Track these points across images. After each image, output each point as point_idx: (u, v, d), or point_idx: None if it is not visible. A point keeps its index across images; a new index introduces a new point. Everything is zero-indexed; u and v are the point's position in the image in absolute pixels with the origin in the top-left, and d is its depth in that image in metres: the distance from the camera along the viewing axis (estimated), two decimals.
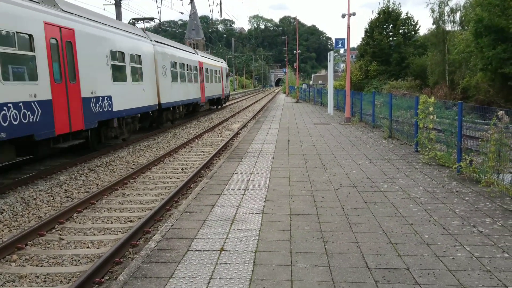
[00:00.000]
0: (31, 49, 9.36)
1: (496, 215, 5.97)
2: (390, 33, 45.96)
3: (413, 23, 46.06)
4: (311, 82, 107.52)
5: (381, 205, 6.56)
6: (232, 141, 15.97)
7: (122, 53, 14.63)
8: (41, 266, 5.55)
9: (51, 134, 10.02)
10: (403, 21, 45.60)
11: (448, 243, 5.04)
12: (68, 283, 5.04)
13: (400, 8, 45.91)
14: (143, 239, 6.36)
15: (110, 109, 13.40)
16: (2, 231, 6.79)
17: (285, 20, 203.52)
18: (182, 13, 47.63)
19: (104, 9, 27.58)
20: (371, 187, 7.73)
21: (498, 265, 4.43)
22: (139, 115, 16.78)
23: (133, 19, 19.97)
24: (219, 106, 36.24)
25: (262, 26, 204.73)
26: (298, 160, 10.53)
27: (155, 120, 19.49)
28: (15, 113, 8.64)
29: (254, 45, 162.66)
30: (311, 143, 13.36)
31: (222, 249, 4.96)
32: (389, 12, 45.22)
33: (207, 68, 28.95)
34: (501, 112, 7.14)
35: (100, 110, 12.75)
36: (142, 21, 19.98)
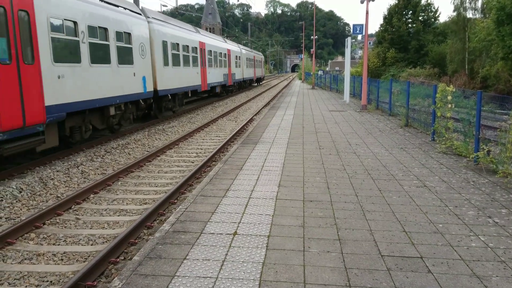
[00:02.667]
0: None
1: None
2: (409, 20, 45.15)
3: (433, 9, 45.21)
4: (327, 69, 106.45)
5: (396, 194, 6.53)
6: (247, 127, 15.98)
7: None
8: (58, 245, 5.68)
9: None
10: (423, 8, 44.73)
11: (463, 233, 5.00)
12: (84, 261, 5.15)
13: None
14: (157, 221, 6.45)
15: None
16: (21, 210, 6.95)
17: (303, 5, 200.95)
18: None
19: None
20: (386, 175, 7.68)
21: None
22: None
23: None
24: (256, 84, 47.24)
25: (279, 11, 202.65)
26: (312, 146, 10.49)
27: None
28: None
29: (270, 30, 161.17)
30: (326, 130, 13.29)
31: (235, 233, 5.01)
32: None
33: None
34: None
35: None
36: None
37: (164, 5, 39.12)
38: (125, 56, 13.65)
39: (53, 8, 9.73)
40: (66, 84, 10.21)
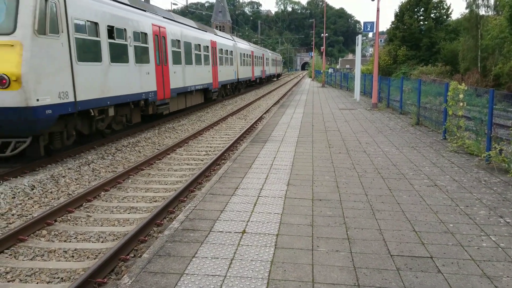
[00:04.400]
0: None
1: None
2: (421, 17, 44.75)
3: (445, 7, 44.77)
4: (337, 67, 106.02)
5: (406, 193, 6.48)
6: (256, 125, 15.98)
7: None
8: (69, 241, 5.74)
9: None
10: (435, 5, 44.29)
11: (474, 233, 4.95)
12: (94, 258, 5.20)
13: None
14: (167, 218, 6.49)
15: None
16: (33, 206, 7.04)
17: (313, 3, 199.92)
18: None
19: None
20: (396, 174, 7.63)
21: None
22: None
23: None
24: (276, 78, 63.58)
25: (289, 9, 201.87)
26: (322, 145, 10.46)
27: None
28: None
29: (280, 28, 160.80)
30: (336, 128, 13.24)
31: (244, 231, 5.02)
32: None
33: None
34: None
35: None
36: None
37: (174, 4, 39.21)
38: (227, 60, 27.44)
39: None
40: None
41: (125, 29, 12.70)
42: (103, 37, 11.40)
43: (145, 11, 14.69)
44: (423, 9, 44.34)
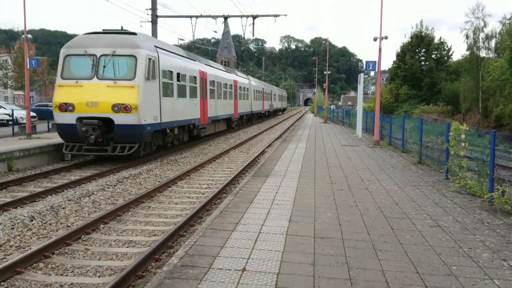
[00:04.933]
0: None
1: None
2: (422, 58, 45.45)
3: (446, 48, 45.48)
4: (340, 103, 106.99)
5: (409, 233, 6.41)
6: (258, 159, 16.00)
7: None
8: (66, 275, 5.64)
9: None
10: (436, 46, 45.05)
11: (477, 276, 4.86)
12: None
13: (433, 33, 45.40)
14: (166, 254, 6.40)
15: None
16: (31, 238, 6.97)
17: (316, 41, 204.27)
18: (215, 31, 49.35)
19: (141, 26, 28.46)
20: (399, 213, 7.56)
21: None
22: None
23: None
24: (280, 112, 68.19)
25: (293, 46, 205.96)
26: (324, 181, 10.43)
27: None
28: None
29: (284, 64, 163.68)
30: (338, 164, 13.23)
31: (244, 269, 4.93)
32: (422, 37, 44.80)
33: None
34: None
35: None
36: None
37: (181, 39, 40.15)
38: (244, 95, 32.93)
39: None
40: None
41: (185, 74, 17.88)
42: (174, 80, 16.53)
43: (194, 60, 20.20)
44: (424, 50, 45.10)
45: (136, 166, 13.85)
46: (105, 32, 14.66)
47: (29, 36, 18.52)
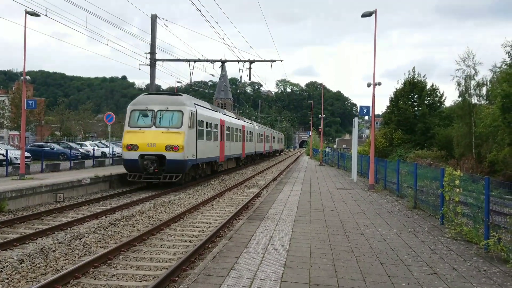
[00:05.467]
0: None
1: None
2: (415, 103, 46.31)
3: (439, 94, 46.47)
4: (335, 146, 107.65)
5: (405, 280, 6.29)
6: (253, 201, 15.88)
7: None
8: None
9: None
10: (429, 92, 46.03)
11: None
12: None
13: (425, 80, 46.50)
14: None
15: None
16: (19, 282, 6.78)
17: (311, 85, 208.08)
18: (213, 75, 50.17)
19: (140, 69, 28.97)
20: (395, 259, 7.46)
21: None
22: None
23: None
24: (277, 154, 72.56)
25: (289, 90, 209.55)
26: (319, 225, 10.33)
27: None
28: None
29: (280, 107, 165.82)
30: (334, 208, 13.16)
31: None
32: (414, 83, 45.85)
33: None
34: None
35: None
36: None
37: (179, 82, 40.86)
38: (250, 138, 38.47)
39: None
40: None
41: (211, 123, 23.43)
42: (204, 127, 21.83)
43: (216, 111, 26.59)
44: (417, 95, 46.04)
45: (128, 208, 13.69)
46: (160, 93, 22.31)
47: (28, 77, 18.75)
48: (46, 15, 17.38)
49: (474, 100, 35.71)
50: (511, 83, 23.42)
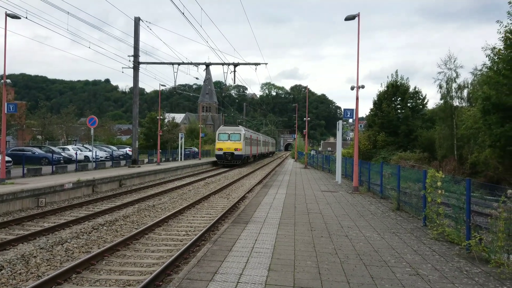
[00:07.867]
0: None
1: None
2: (398, 106, 46.80)
3: (421, 97, 47.03)
4: (319, 149, 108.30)
5: (388, 281, 6.35)
6: (239, 205, 15.86)
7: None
8: None
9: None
10: (411, 95, 46.57)
11: None
12: None
13: (408, 83, 47.07)
14: None
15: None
16: None
17: (296, 89, 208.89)
18: (197, 78, 50.68)
19: (123, 72, 28.76)
20: (378, 261, 7.52)
21: None
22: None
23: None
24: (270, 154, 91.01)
25: (274, 93, 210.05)
26: (304, 228, 10.36)
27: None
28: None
29: (265, 110, 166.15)
30: (318, 210, 13.21)
31: None
32: (397, 86, 46.36)
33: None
34: (510, 191, 7.07)
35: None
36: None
37: (162, 85, 40.62)
38: (266, 144, 73.74)
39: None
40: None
41: (250, 136, 48.93)
42: (249, 140, 48.34)
43: (238, 126, 49.12)
44: (400, 98, 46.56)
45: (112, 213, 13.54)
46: (230, 124, 61.78)
47: (8, 81, 18.43)
48: (26, 18, 17.16)
49: (456, 102, 36.34)
50: (492, 86, 23.83)
